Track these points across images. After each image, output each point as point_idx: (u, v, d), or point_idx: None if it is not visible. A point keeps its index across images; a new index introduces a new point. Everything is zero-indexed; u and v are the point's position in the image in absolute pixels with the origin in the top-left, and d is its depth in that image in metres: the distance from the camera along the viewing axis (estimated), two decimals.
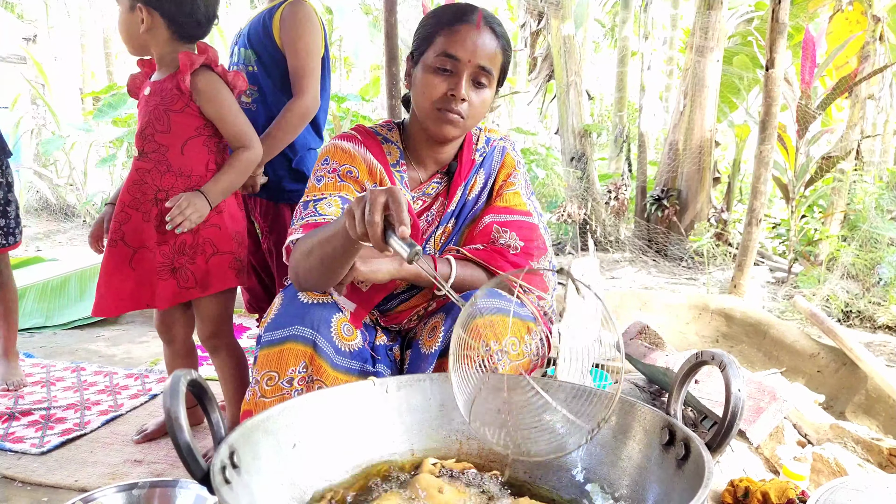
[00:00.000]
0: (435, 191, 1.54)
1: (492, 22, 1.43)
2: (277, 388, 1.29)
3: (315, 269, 1.28)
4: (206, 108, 1.71)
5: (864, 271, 3.91)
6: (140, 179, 1.71)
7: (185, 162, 1.71)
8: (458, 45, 1.38)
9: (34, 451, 1.86)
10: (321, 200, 1.43)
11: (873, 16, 4.79)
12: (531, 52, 7.19)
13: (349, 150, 1.49)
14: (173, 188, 1.70)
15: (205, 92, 1.70)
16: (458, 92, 1.38)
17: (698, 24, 5.69)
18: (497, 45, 1.41)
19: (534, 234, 1.50)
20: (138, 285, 1.73)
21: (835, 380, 2.35)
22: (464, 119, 1.41)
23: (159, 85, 1.72)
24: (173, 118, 1.70)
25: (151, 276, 1.72)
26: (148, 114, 1.71)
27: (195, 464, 0.80)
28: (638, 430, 1.04)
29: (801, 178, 4.64)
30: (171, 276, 1.72)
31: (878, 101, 5.24)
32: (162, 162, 1.70)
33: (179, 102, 1.70)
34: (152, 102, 1.71)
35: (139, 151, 1.73)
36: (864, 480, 1.42)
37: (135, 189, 1.72)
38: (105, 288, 1.73)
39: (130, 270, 1.72)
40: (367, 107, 8.88)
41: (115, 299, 1.73)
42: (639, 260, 5.79)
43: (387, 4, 3.58)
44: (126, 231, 1.72)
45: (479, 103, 1.42)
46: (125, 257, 1.72)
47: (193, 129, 1.72)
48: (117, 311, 1.76)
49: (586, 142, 6.58)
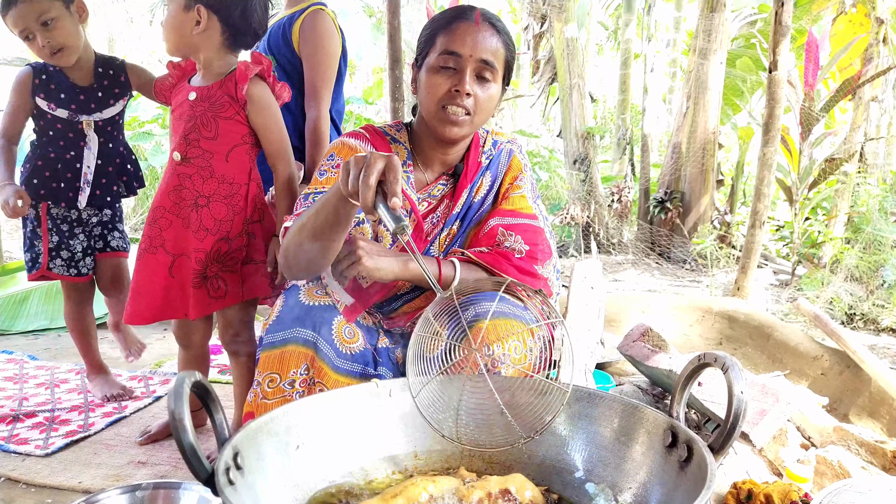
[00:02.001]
0: (440, 192, 1.54)
1: (491, 18, 1.43)
2: (279, 390, 1.30)
3: (306, 244, 1.27)
4: (255, 118, 1.70)
5: (868, 274, 3.90)
6: (180, 184, 1.68)
7: (229, 169, 1.70)
8: (459, 41, 1.39)
9: (38, 453, 1.86)
10: (322, 194, 1.43)
11: (877, 18, 4.79)
12: (534, 55, 7.20)
13: (356, 147, 1.49)
14: (215, 194, 1.69)
15: (257, 102, 1.69)
16: (463, 87, 1.38)
17: (701, 27, 5.69)
18: (498, 39, 1.42)
19: (539, 237, 1.49)
20: (176, 294, 1.69)
21: (838, 382, 2.35)
22: (470, 115, 1.41)
23: (207, 91, 1.69)
24: (222, 125, 1.68)
25: (187, 284, 1.70)
26: (194, 118, 1.67)
27: (199, 465, 0.80)
28: (641, 432, 1.04)
29: (805, 181, 4.63)
30: (202, 284, 1.69)
31: (881, 104, 5.23)
32: (205, 168, 1.68)
33: (230, 110, 1.68)
34: (200, 108, 1.68)
35: (181, 156, 1.68)
36: (867, 483, 1.42)
37: (174, 194, 1.68)
38: (143, 296, 1.69)
39: (171, 279, 1.69)
40: (370, 109, 8.89)
41: (154, 308, 1.70)
42: (642, 262, 5.79)
43: (390, 7, 3.59)
44: (167, 238, 1.68)
45: (485, 99, 1.42)
46: (165, 265, 1.68)
47: (240, 136, 1.70)
48: (154, 319, 1.72)
49: (589, 144, 6.58)
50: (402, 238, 1.01)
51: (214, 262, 1.69)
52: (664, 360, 1.98)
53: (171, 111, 1.74)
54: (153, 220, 1.70)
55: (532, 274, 1.46)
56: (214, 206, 1.69)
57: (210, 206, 1.68)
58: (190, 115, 1.68)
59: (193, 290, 1.68)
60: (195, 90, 1.69)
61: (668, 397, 2.08)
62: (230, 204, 1.70)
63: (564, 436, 1.11)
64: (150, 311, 1.70)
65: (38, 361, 2.75)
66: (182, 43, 1.68)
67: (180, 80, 1.76)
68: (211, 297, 1.70)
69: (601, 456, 1.07)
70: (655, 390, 2.16)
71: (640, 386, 2.17)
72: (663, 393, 2.13)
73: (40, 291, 3.51)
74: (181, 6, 1.64)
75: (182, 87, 1.74)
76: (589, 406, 1.10)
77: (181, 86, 1.75)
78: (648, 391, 2.15)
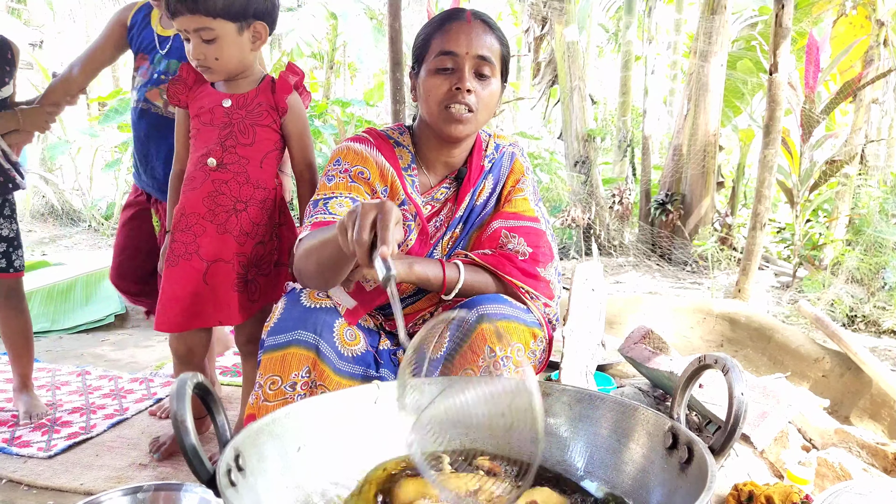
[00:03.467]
0: (444, 196, 1.55)
1: (482, 16, 1.45)
2: (280, 393, 1.30)
3: (313, 272, 1.30)
4: (290, 127, 1.73)
5: (869, 275, 3.90)
6: (216, 190, 1.69)
7: (262, 174, 1.72)
8: (453, 41, 1.40)
9: (40, 455, 1.87)
10: (332, 199, 1.44)
11: (877, 20, 4.79)
12: (535, 57, 7.20)
13: (361, 151, 1.50)
14: (251, 199, 1.70)
15: (294, 111, 1.73)
16: (463, 84, 1.39)
17: (702, 29, 5.70)
18: (492, 36, 1.43)
19: (541, 240, 1.50)
20: (211, 301, 1.69)
21: (840, 384, 2.35)
22: (473, 112, 1.42)
23: (244, 98, 1.70)
24: (259, 132, 1.70)
25: (228, 291, 1.69)
26: (230, 125, 1.69)
27: (201, 466, 0.81)
28: (641, 433, 1.04)
29: (806, 183, 4.63)
30: (244, 288, 1.71)
31: (882, 106, 5.23)
32: (241, 173, 1.69)
33: (269, 118, 1.71)
34: (237, 115, 1.69)
35: (217, 162, 1.69)
36: (868, 485, 1.42)
37: (210, 201, 1.69)
38: (175, 302, 1.68)
39: (204, 285, 1.68)
40: (371, 112, 8.90)
41: (186, 315, 1.69)
42: (643, 264, 5.79)
43: (391, 9, 3.59)
44: (202, 244, 1.68)
45: (486, 95, 1.42)
46: (199, 272, 1.68)
47: (273, 144, 1.73)
48: (187, 327, 1.71)
49: (590, 146, 6.58)
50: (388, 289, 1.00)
51: (253, 265, 1.72)
52: (665, 362, 1.98)
53: (194, 115, 1.73)
54: (187, 226, 1.69)
55: (534, 276, 1.46)
56: (252, 211, 1.71)
57: (248, 211, 1.70)
58: (226, 121, 1.69)
59: (237, 294, 1.69)
60: (229, 97, 1.70)
61: (669, 399, 2.08)
62: (264, 208, 1.73)
63: (565, 437, 1.11)
64: (182, 317, 1.69)
65: (40, 363, 2.76)
66: (242, 65, 1.69)
67: (195, 82, 1.75)
68: (250, 301, 1.73)
69: (602, 457, 1.07)
70: (656, 392, 2.16)
71: (640, 388, 2.17)
72: (664, 395, 2.13)
73: (41, 294, 3.52)
74: (234, 30, 1.61)
75: (205, 92, 1.73)
76: (590, 408, 1.10)
77: (203, 90, 1.74)
78: (649, 393, 2.15)
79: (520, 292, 1.44)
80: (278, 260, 1.78)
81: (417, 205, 1.50)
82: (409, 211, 1.50)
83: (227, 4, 1.57)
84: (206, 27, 1.57)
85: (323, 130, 7.57)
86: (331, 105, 8.22)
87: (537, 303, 1.45)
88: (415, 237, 1.51)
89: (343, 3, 10.29)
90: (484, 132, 1.59)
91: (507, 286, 1.44)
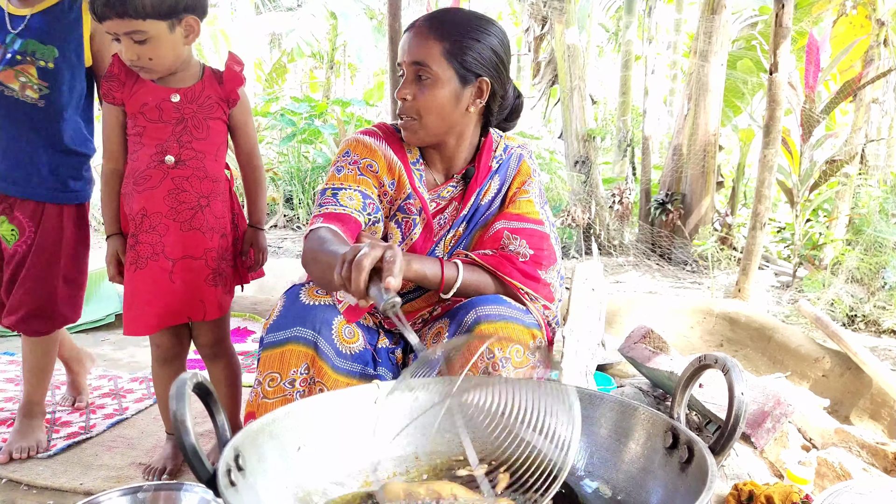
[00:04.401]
0: (450, 194, 1.55)
1: (433, 18, 1.44)
2: (280, 390, 1.30)
3: (317, 277, 1.31)
4: (238, 117, 1.75)
5: (869, 275, 3.89)
6: (178, 188, 1.68)
7: (217, 167, 1.73)
8: (401, 52, 1.44)
9: (40, 455, 1.87)
10: (341, 190, 1.45)
11: (877, 20, 4.79)
12: (535, 57, 7.20)
13: (370, 144, 1.51)
14: (212, 193, 1.71)
15: (243, 101, 1.75)
16: (400, 93, 1.42)
17: (702, 29, 5.70)
18: (433, 38, 1.40)
19: (544, 243, 1.50)
20: (181, 298, 1.68)
21: (840, 384, 2.35)
22: (417, 119, 1.43)
23: (191, 92, 1.69)
24: (212, 125, 1.71)
25: (199, 286, 1.69)
26: (184, 121, 1.68)
27: (201, 466, 0.81)
28: (641, 433, 1.04)
29: (806, 183, 4.63)
30: (220, 281, 1.72)
31: (882, 106, 5.23)
32: (200, 168, 1.69)
33: (218, 110, 1.72)
34: (188, 110, 1.68)
35: (175, 159, 1.67)
36: (868, 484, 1.42)
37: (171, 199, 1.67)
38: (144, 305, 1.67)
39: (171, 284, 1.67)
40: (371, 111, 8.91)
41: (155, 316, 1.68)
42: (643, 264, 5.79)
43: (391, 9, 3.59)
44: (167, 243, 1.67)
45: (426, 99, 1.41)
46: (166, 271, 1.67)
47: (223, 135, 1.75)
48: (157, 328, 1.70)
49: (590, 146, 6.59)
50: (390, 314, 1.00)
51: (222, 259, 1.72)
52: (665, 362, 1.98)
53: (137, 112, 1.68)
54: (151, 226, 1.67)
55: (535, 278, 1.46)
56: (214, 205, 1.71)
57: (211, 206, 1.71)
58: (177, 117, 1.68)
59: (212, 289, 1.70)
60: (177, 92, 1.68)
61: (669, 399, 2.08)
62: (223, 201, 1.74)
63: None
64: (156, 319, 1.68)
65: None
66: (177, 60, 1.66)
67: (128, 77, 1.69)
68: (226, 293, 1.74)
69: (602, 457, 1.07)
70: (656, 392, 2.16)
71: (640, 388, 2.17)
72: (664, 395, 2.13)
73: None
74: (166, 28, 1.59)
75: (145, 88, 1.68)
76: (590, 407, 1.10)
77: (142, 86, 1.68)
78: (649, 393, 2.15)
79: (519, 293, 1.44)
80: (239, 250, 1.80)
81: (424, 199, 1.51)
82: (414, 205, 1.51)
83: (155, 4, 1.54)
84: (136, 30, 1.55)
85: (323, 130, 7.57)
86: (331, 105, 8.22)
87: (537, 304, 1.45)
88: (419, 232, 1.51)
89: (343, 3, 10.30)
90: (496, 132, 1.59)
91: (507, 287, 1.44)
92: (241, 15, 11.22)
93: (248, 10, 11.30)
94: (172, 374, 1.82)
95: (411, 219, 1.51)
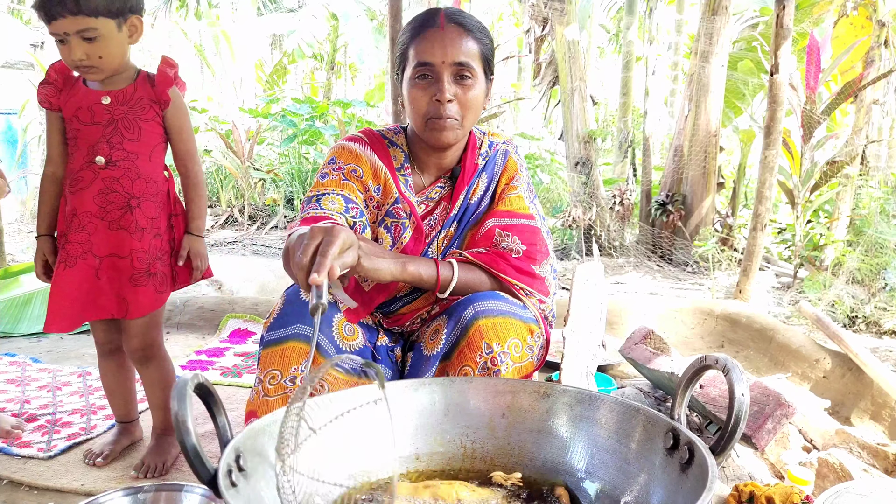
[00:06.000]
0: (438, 195, 1.55)
1: (456, 17, 1.43)
2: (280, 387, 1.30)
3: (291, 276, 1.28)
4: (172, 120, 1.75)
5: (870, 276, 3.89)
6: (108, 188, 1.69)
7: (152, 168, 1.74)
8: (429, 51, 1.39)
9: (41, 456, 1.87)
10: (324, 196, 1.45)
11: (878, 21, 4.79)
12: (535, 58, 7.19)
13: (355, 150, 1.51)
14: (144, 194, 1.72)
15: (175, 104, 1.74)
16: (442, 96, 1.39)
17: (703, 30, 5.70)
18: (469, 37, 1.41)
19: (536, 237, 1.50)
20: (105, 295, 1.71)
21: (840, 385, 2.34)
22: (458, 119, 1.42)
23: (122, 94, 1.70)
24: (144, 127, 1.72)
25: (123, 285, 1.71)
26: (113, 122, 1.69)
27: (202, 467, 0.81)
28: (642, 434, 1.04)
29: (807, 184, 4.63)
30: (149, 281, 1.73)
31: (883, 106, 5.22)
32: (132, 169, 1.71)
33: (151, 112, 1.72)
34: (119, 111, 1.69)
35: (105, 160, 1.69)
36: (869, 485, 1.42)
37: (101, 198, 1.69)
38: (68, 301, 1.69)
39: (97, 280, 1.70)
40: (371, 112, 8.91)
41: (78, 312, 1.70)
42: (643, 265, 5.78)
43: (392, 10, 3.60)
44: (95, 242, 1.70)
45: (469, 99, 1.42)
46: (93, 268, 1.70)
47: (159, 137, 1.75)
48: (77, 324, 1.72)
49: (591, 147, 6.58)
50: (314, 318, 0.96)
51: (155, 259, 1.73)
52: (666, 363, 1.98)
53: (72, 116, 1.71)
54: (80, 225, 1.70)
55: (529, 273, 1.46)
56: (145, 206, 1.72)
57: (142, 206, 1.72)
58: (108, 118, 1.69)
59: (138, 288, 1.71)
60: (107, 94, 1.70)
61: (670, 400, 2.08)
62: (157, 202, 1.75)
63: (566, 438, 1.11)
64: (77, 315, 1.70)
65: (41, 364, 2.76)
66: (122, 59, 1.69)
67: (65, 84, 1.73)
68: (157, 293, 1.74)
69: (602, 458, 1.07)
70: (657, 393, 2.16)
71: (641, 388, 2.17)
72: (665, 396, 2.13)
73: (43, 294, 3.52)
74: (115, 27, 1.61)
75: (78, 92, 1.71)
76: (590, 409, 1.10)
77: (75, 90, 1.72)
78: (650, 394, 2.15)
79: (514, 289, 1.44)
80: (174, 251, 1.81)
81: (411, 203, 1.51)
82: (402, 210, 1.51)
83: (108, 2, 1.57)
84: (88, 27, 1.57)
85: (324, 131, 7.57)
86: (332, 106, 8.22)
87: (532, 299, 1.46)
88: (409, 235, 1.52)
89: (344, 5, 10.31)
90: (478, 130, 1.59)
91: (502, 284, 1.45)
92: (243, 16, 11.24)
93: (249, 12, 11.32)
94: (114, 366, 1.89)
95: (400, 223, 1.52)
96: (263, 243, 6.56)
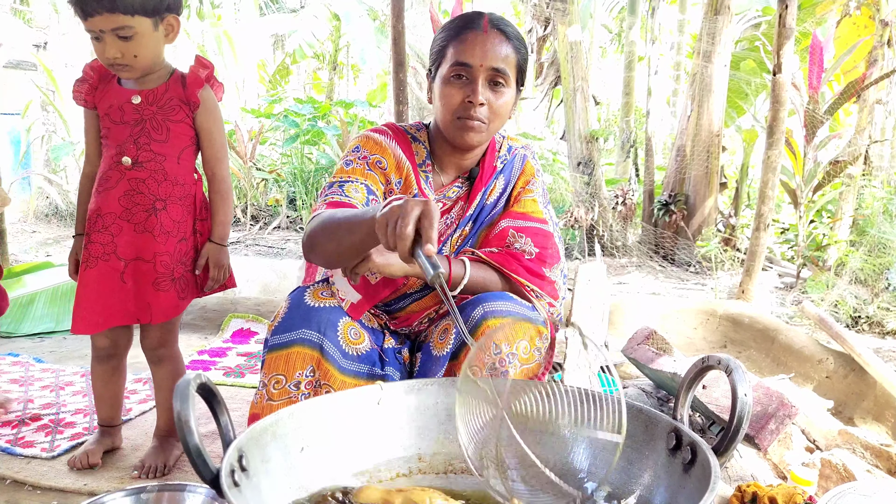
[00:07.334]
0: (455, 195, 1.56)
1: (499, 24, 1.44)
2: (285, 392, 1.30)
3: (331, 251, 1.29)
4: (202, 122, 1.73)
5: (873, 276, 3.89)
6: (134, 189, 1.68)
7: (180, 171, 1.72)
8: (468, 52, 1.40)
9: (44, 456, 1.87)
10: (348, 182, 1.45)
11: (881, 20, 4.79)
12: (538, 58, 7.19)
13: (380, 141, 1.52)
14: (170, 197, 1.70)
15: (206, 105, 1.72)
16: (475, 97, 1.39)
17: (705, 29, 5.69)
18: (508, 45, 1.43)
19: (548, 241, 1.51)
20: (131, 299, 1.69)
21: (843, 385, 2.34)
22: (485, 123, 1.43)
23: (153, 94, 1.69)
24: (172, 128, 1.70)
25: (146, 289, 1.69)
26: (142, 122, 1.68)
27: (205, 466, 0.81)
28: (645, 434, 1.04)
29: (810, 183, 4.63)
30: (172, 286, 1.70)
31: (886, 106, 5.22)
32: (158, 171, 1.69)
33: (181, 113, 1.70)
34: (148, 111, 1.68)
35: (132, 161, 1.67)
36: (872, 486, 1.41)
37: (126, 199, 1.68)
38: (93, 303, 1.67)
39: (122, 284, 1.68)
40: (374, 112, 8.91)
41: (104, 315, 1.68)
42: (646, 265, 5.78)
43: (394, 10, 3.60)
44: (119, 243, 1.68)
45: (499, 105, 1.43)
46: (117, 271, 1.68)
47: (188, 139, 1.73)
48: (105, 326, 1.70)
49: (593, 147, 6.58)
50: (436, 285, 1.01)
51: (179, 263, 1.71)
52: (668, 363, 1.98)
53: (104, 115, 1.71)
54: (104, 226, 1.68)
55: (540, 276, 1.47)
56: (171, 209, 1.70)
57: (168, 209, 1.70)
58: (137, 118, 1.68)
59: (160, 293, 1.69)
60: (138, 93, 1.69)
61: (673, 400, 2.08)
62: (184, 205, 1.73)
63: (568, 438, 1.11)
64: (102, 317, 1.69)
65: (44, 364, 2.76)
66: (158, 59, 1.68)
67: (100, 82, 1.72)
68: (179, 298, 1.73)
69: (605, 459, 1.07)
70: (660, 393, 2.15)
71: (644, 389, 2.17)
72: (668, 396, 2.13)
73: (46, 294, 3.52)
74: (151, 26, 1.61)
75: (111, 90, 1.71)
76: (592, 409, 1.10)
77: (109, 89, 1.71)
78: (653, 394, 2.15)
79: (525, 290, 1.45)
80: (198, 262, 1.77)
81: None
82: None
83: (144, 0, 1.56)
84: (125, 25, 1.56)
85: (326, 131, 7.58)
86: (334, 106, 8.23)
87: (542, 301, 1.46)
88: None
89: (346, 5, 10.30)
90: (498, 134, 1.60)
91: (513, 284, 1.45)
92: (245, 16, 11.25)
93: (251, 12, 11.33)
94: (109, 371, 1.84)
95: None
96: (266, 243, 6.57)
